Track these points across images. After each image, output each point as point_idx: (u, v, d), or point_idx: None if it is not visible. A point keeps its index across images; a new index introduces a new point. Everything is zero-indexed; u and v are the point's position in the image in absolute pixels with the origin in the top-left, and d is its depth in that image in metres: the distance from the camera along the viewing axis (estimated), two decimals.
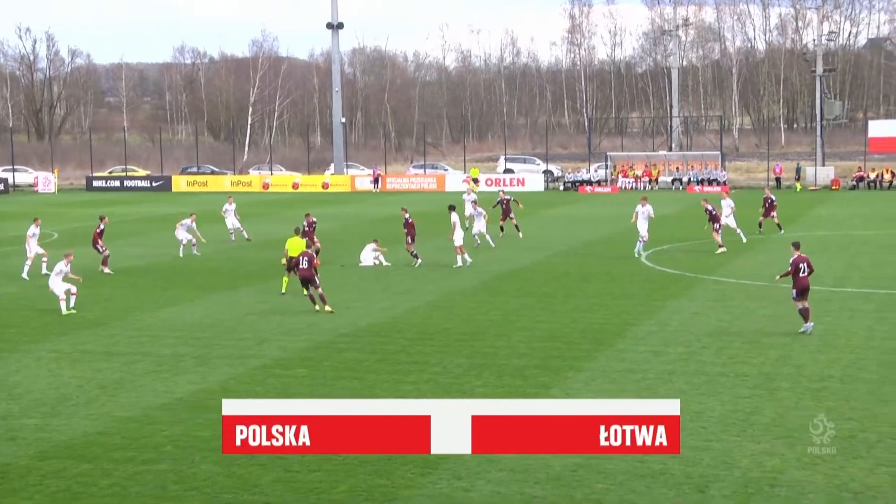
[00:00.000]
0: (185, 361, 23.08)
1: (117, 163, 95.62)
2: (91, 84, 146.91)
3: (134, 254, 42.57)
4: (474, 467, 15.42)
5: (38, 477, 15.65)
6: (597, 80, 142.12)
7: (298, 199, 72.76)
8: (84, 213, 61.97)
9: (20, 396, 20.23)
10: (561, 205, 66.15)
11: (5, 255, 41.84)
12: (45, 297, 32.02)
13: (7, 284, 34.53)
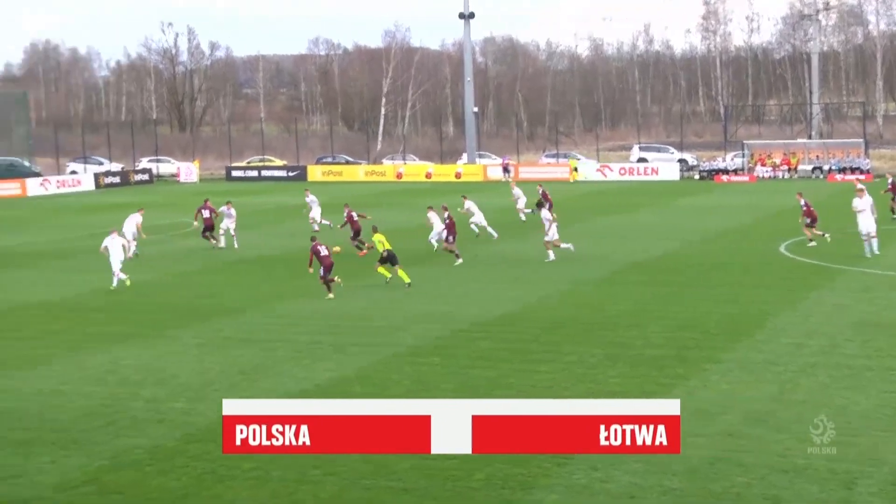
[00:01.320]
0: (323, 348, 23.46)
1: (255, 153, 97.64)
2: (230, 76, 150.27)
3: (270, 244, 43.42)
4: (611, 459, 15.30)
5: (185, 459, 16.13)
6: (732, 67, 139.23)
7: (431, 189, 73.20)
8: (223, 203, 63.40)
9: (167, 381, 20.86)
10: (696, 194, 65.05)
11: (146, 244, 43.13)
12: (184, 284, 32.96)
13: (148, 272, 35.60)
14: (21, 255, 40.43)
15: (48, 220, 54.72)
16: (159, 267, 36.51)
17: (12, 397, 19.81)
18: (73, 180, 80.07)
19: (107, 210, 59.35)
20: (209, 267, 35.70)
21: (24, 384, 20.75)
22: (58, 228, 44.35)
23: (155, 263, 37.48)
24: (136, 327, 26.18)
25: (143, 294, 31.31)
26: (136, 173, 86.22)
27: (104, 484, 15.12)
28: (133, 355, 23.14)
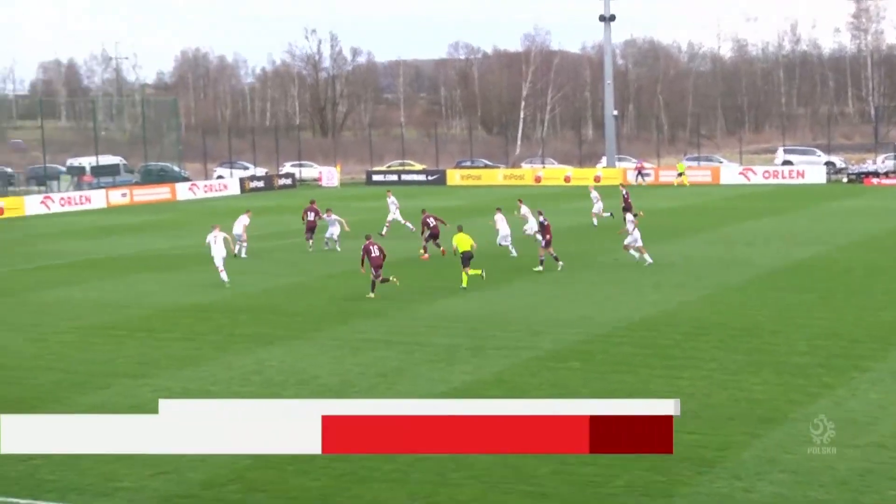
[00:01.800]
0: (460, 352, 23.58)
1: (395, 157, 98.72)
2: (371, 81, 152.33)
3: (408, 246, 43.82)
4: (754, 468, 14.99)
5: (326, 459, 16.38)
6: (884, 67, 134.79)
7: (570, 193, 72.86)
8: (364, 206, 64.31)
9: (307, 381, 21.27)
10: (844, 197, 63.18)
11: (289, 249, 44.03)
12: (327, 287, 33.53)
13: (292, 275, 36.32)
14: (172, 258, 41.73)
15: (196, 224, 56.36)
16: (304, 269, 37.22)
17: (162, 396, 20.44)
18: (219, 185, 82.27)
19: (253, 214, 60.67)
20: (352, 269, 36.22)
21: (173, 383, 21.42)
22: (206, 232, 45.24)
23: (299, 266, 38.23)
24: (279, 329, 26.76)
25: (287, 296, 31.96)
26: (280, 178, 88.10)
27: (248, 482, 15.49)
28: (277, 357, 23.65)
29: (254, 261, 40.16)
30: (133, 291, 33.69)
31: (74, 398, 20.41)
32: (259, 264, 38.46)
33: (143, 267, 39.06)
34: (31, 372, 22.75)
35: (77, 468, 16.22)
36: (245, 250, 40.86)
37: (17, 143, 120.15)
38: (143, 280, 36.08)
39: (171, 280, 35.82)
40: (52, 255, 40.92)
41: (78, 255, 43.20)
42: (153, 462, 16.43)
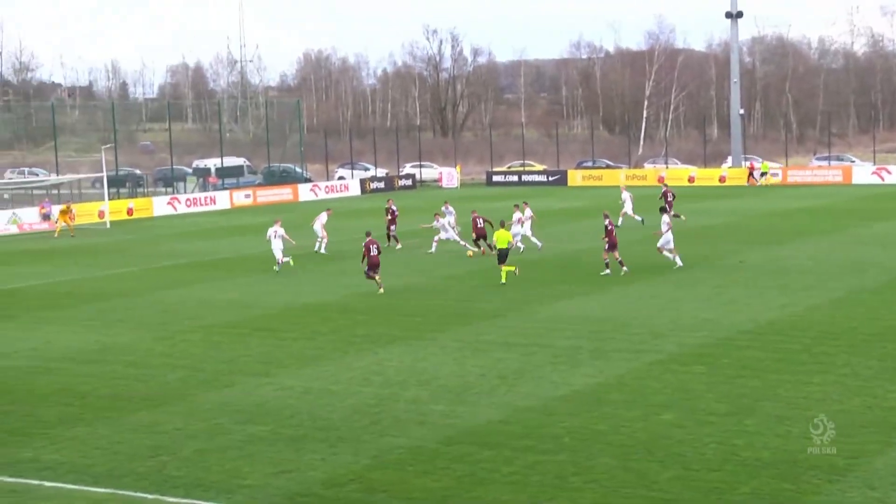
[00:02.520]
0: (582, 354, 23.44)
1: (515, 158, 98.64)
2: (491, 81, 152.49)
3: (527, 247, 43.70)
4: (889, 477, 14.55)
5: (446, 461, 16.48)
6: None
7: (693, 193, 71.79)
8: (483, 207, 64.38)
9: (428, 382, 21.38)
10: None
11: (406, 249, 44.33)
12: (447, 288, 33.66)
13: (411, 275, 36.55)
14: (294, 259, 42.37)
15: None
16: (422, 270, 37.45)
17: (285, 395, 20.81)
18: (340, 185, 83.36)
19: (372, 215, 61.34)
20: (473, 271, 36.33)
21: (295, 382, 21.76)
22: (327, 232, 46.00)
23: (420, 266, 38.47)
24: (399, 330, 26.97)
25: (408, 297, 32.20)
26: (400, 178, 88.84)
27: (369, 482, 15.65)
28: (396, 357, 23.84)
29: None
30: (255, 291, 34.33)
31: (200, 395, 20.90)
32: None
33: (266, 267, 39.77)
34: (158, 370, 23.37)
35: (203, 465, 16.60)
36: (325, 246, 42.86)
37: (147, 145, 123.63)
38: (265, 280, 36.74)
39: (291, 280, 36.38)
40: (178, 255, 42.00)
41: (203, 255, 44.23)
42: (276, 461, 16.72)
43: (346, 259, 41.34)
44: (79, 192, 74.82)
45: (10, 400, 20.99)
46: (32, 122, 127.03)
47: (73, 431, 18.61)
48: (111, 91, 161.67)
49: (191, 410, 19.80)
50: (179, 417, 19.33)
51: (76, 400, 20.81)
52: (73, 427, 18.88)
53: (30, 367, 23.94)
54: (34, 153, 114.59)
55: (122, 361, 24.34)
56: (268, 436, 18.06)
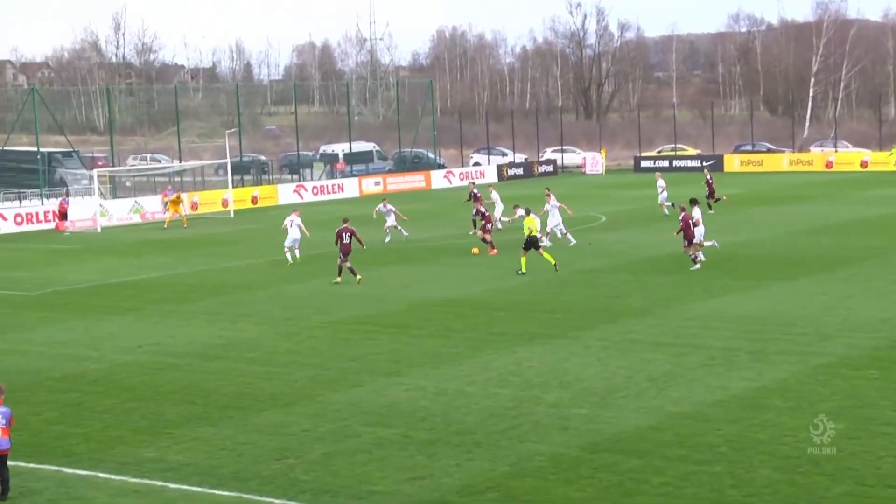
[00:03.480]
0: (739, 356, 23.09)
1: (666, 141, 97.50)
2: (640, 59, 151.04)
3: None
4: None
5: (590, 469, 16.43)
6: None
7: (866, 179, 69.93)
8: (630, 195, 63.97)
9: (570, 384, 21.35)
10: None
11: (552, 240, 44.23)
12: (589, 283, 33.50)
13: (552, 269, 36.46)
14: (425, 251, 42.76)
15: (451, 214, 57.53)
16: (566, 263, 37.31)
17: (417, 396, 21.03)
18: (476, 172, 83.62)
19: (509, 203, 61.41)
20: (616, 265, 36.10)
21: (428, 382, 21.97)
22: (461, 223, 46.51)
23: (561, 260, 38.35)
24: (539, 327, 26.97)
25: (547, 293, 32.17)
26: (540, 164, 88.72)
27: (508, 490, 15.70)
28: (536, 356, 23.86)
29: (511, 254, 40.62)
30: (386, 284, 34.73)
31: (328, 395, 21.26)
32: (516, 257, 38.80)
33: (397, 259, 40.19)
34: (285, 367, 23.86)
35: (331, 469, 16.90)
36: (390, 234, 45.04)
37: (272, 129, 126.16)
38: (397, 273, 37.14)
39: (424, 273, 36.70)
40: (304, 246, 42.64)
41: (330, 247, 44.91)
42: (408, 466, 16.91)
43: (481, 252, 41.49)
44: (202, 179, 76.72)
45: (134, 397, 21.70)
46: (155, 106, 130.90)
47: (198, 431, 19.14)
48: (235, 72, 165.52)
49: (318, 411, 20.17)
50: (306, 418, 19.71)
51: (200, 398, 21.41)
52: (198, 426, 19.43)
53: (153, 363, 24.71)
54: (156, 139, 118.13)
55: (246, 358, 24.93)
56: (399, 439, 18.28)
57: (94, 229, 56.63)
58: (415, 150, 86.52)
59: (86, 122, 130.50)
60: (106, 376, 23.61)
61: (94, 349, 26.46)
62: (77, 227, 57.46)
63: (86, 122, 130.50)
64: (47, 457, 18.00)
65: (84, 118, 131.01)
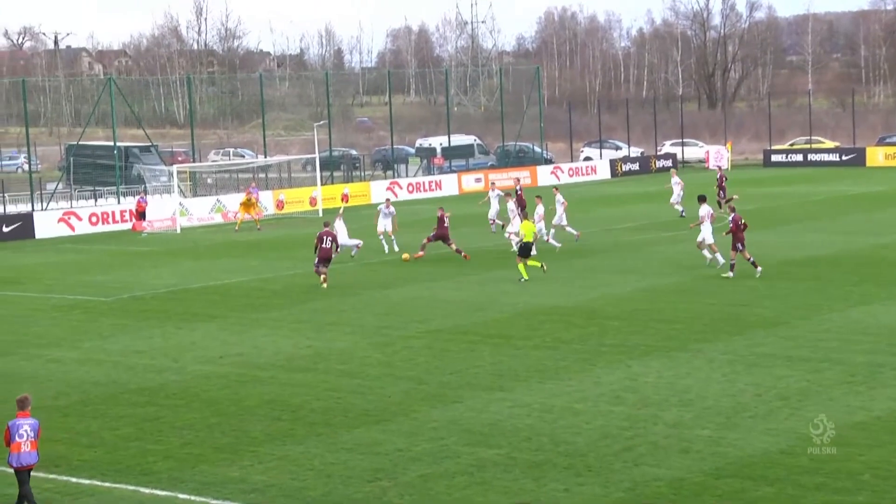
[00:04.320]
0: (884, 372, 22.72)
1: (800, 133, 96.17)
2: (770, 41, 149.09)
3: (816, 241, 42.60)
4: None
5: (714, 497, 16.26)
6: None
7: None
8: (759, 193, 63.22)
9: (692, 402, 21.16)
10: None
11: (667, 242, 43.90)
12: (712, 290, 33.16)
13: (671, 274, 36.18)
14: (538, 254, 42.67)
15: None
16: (685, 267, 36.99)
17: (522, 413, 21.00)
18: (587, 167, 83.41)
19: (625, 202, 61.19)
20: (743, 270, 35.66)
21: (534, 399, 21.93)
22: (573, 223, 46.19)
23: (680, 263, 38.04)
24: (657, 339, 26.78)
25: (666, 301, 31.93)
26: (658, 159, 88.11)
27: None
28: (654, 371, 23.70)
29: (624, 256, 40.40)
30: (488, 291, 34.77)
31: (425, 412, 21.35)
32: (632, 261, 38.63)
33: (499, 263, 40.22)
34: (378, 381, 24.02)
35: (428, 492, 16.96)
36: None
37: (364, 121, 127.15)
38: (500, 278, 37.15)
39: (532, 278, 36.62)
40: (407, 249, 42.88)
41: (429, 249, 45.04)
42: (512, 490, 16.90)
43: (595, 254, 41.38)
44: (288, 175, 77.61)
45: (216, 412, 22.02)
46: (238, 97, 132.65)
47: (284, 449, 19.35)
48: (325, 60, 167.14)
49: (414, 429, 20.26)
50: (401, 437, 19.81)
51: (286, 413, 21.64)
52: (284, 444, 19.64)
53: (237, 375, 25.05)
54: (240, 132, 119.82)
55: (336, 371, 25.15)
56: (502, 461, 18.28)
57: (174, 230, 57.56)
58: (519, 144, 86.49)
59: (165, 113, 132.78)
60: (186, 389, 23.99)
61: (173, 360, 26.92)
62: (155, 227, 58.44)
63: (165, 113, 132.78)
64: (124, 475, 18.34)
65: (163, 110, 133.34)
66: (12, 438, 16.16)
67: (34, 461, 16.33)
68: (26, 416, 16.36)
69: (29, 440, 16.21)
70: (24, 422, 16.27)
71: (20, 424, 16.25)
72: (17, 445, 16.15)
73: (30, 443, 16.22)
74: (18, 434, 16.18)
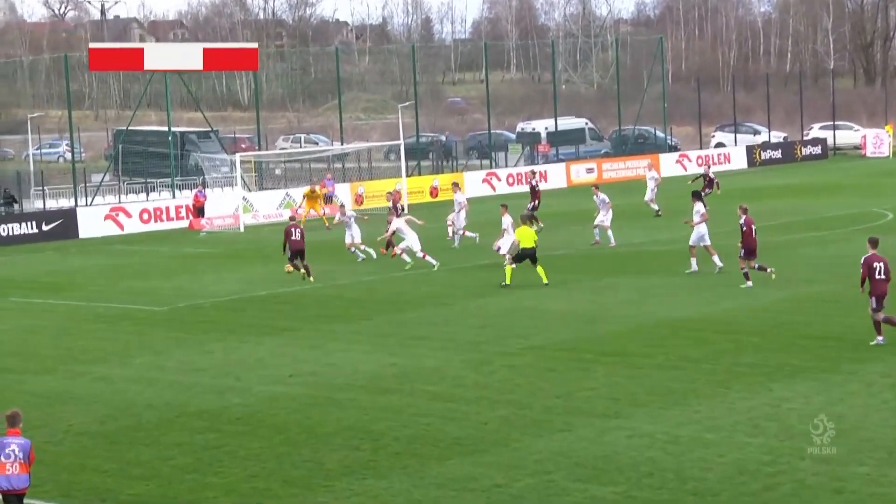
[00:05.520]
0: None
1: None
2: None
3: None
4: None
5: None
6: None
7: None
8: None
9: (846, 433, 20.83)
10: None
11: (815, 244, 43.45)
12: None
13: (826, 280, 35.80)
14: (652, 256, 42.48)
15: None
16: (830, 275, 36.54)
17: (642, 444, 20.87)
18: (719, 155, 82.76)
19: (765, 196, 60.55)
20: None
21: (655, 427, 21.79)
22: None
23: (836, 269, 37.63)
24: (803, 358, 26.52)
25: (816, 313, 31.64)
26: (804, 145, 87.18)
27: None
28: (800, 396, 23.46)
29: (764, 260, 40.01)
30: (601, 300, 34.67)
31: (527, 442, 21.32)
32: (773, 265, 38.23)
33: (613, 268, 40.07)
34: (472, 405, 24.04)
35: None
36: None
37: (457, 102, 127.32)
38: (616, 285, 37.03)
39: (652, 285, 36.45)
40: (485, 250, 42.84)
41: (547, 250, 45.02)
42: None
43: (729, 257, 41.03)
44: (368, 165, 77.88)
45: (287, 440, 22.17)
46: (311, 74, 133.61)
47: (363, 484, 19.44)
48: (410, 30, 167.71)
49: (514, 461, 20.25)
50: (500, 470, 19.80)
51: (367, 442, 21.73)
52: (363, 478, 19.73)
53: (309, 397, 25.21)
54: (312, 115, 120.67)
55: (425, 393, 25.21)
56: (619, 499, 18.23)
57: (236, 228, 57.99)
58: (639, 128, 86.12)
59: (227, 94, 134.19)
60: (251, 413, 24.19)
61: (236, 378, 27.17)
62: (215, 225, 58.90)
63: (227, 94, 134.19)
64: None
65: (224, 90, 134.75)
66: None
67: (24, 485, 16.55)
68: (16, 434, 16.62)
69: (17, 461, 16.44)
70: (13, 440, 16.54)
71: (8, 443, 16.51)
72: (3, 467, 16.37)
73: (18, 464, 16.45)
74: (5, 454, 16.42)
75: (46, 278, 44.33)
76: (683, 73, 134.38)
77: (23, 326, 34.82)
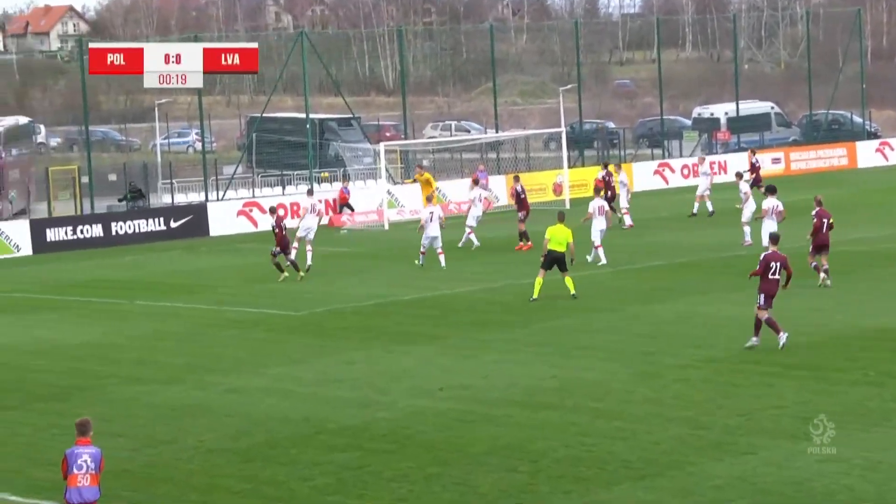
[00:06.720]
0: None
1: None
2: None
3: None
4: None
5: None
6: None
7: None
8: None
9: None
10: None
11: None
12: None
13: None
14: (843, 256, 41.91)
15: (890, 205, 56.19)
16: None
17: (837, 470, 20.64)
18: None
19: None
20: None
21: (853, 452, 21.47)
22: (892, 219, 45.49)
23: None
24: None
25: None
26: None
27: None
28: None
29: None
30: (787, 306, 34.01)
31: (706, 465, 21.19)
32: None
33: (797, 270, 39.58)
34: (642, 423, 23.95)
35: None
36: None
37: (625, 84, 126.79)
38: (801, 289, 36.55)
39: (847, 290, 35.95)
40: (669, 251, 42.73)
41: (700, 252, 44.63)
42: None
43: None
44: (525, 155, 77.61)
45: (436, 459, 22.28)
46: (462, 55, 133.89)
47: None
48: (573, 5, 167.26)
49: (691, 486, 20.17)
50: (675, 496, 19.75)
51: (524, 464, 21.76)
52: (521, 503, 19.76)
53: (461, 413, 25.29)
54: (464, 100, 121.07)
55: (588, 409, 25.17)
56: None
57: (380, 225, 58.19)
58: (833, 113, 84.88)
59: (369, 77, 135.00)
60: (397, 430, 24.34)
61: (381, 391, 27.35)
62: (357, 222, 59.06)
63: (369, 77, 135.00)
64: None
65: (367, 72, 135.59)
66: (70, 470, 16.74)
67: (95, 497, 16.86)
68: (87, 443, 16.91)
69: (89, 473, 16.76)
70: (84, 450, 16.84)
71: (79, 454, 16.81)
72: (74, 479, 16.70)
73: (90, 476, 16.76)
74: (77, 465, 16.74)
75: (174, 279, 44.99)
76: (885, 50, 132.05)
77: (149, 332, 35.37)
